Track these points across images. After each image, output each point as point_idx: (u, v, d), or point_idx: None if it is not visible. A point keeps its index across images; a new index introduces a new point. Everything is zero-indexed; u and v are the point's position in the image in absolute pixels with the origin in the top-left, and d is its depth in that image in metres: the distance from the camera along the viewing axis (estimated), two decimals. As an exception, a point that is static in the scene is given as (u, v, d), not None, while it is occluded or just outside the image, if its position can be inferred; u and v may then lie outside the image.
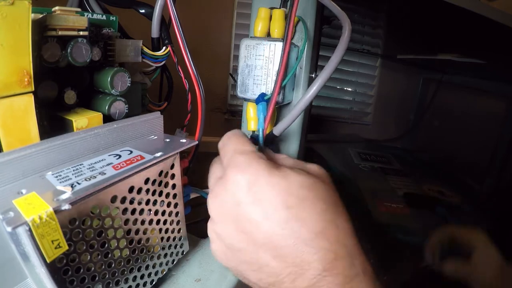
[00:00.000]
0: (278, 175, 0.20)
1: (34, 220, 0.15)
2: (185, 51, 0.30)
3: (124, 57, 0.29)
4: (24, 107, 0.20)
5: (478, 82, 0.83)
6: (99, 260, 0.21)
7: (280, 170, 0.20)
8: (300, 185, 0.20)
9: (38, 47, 0.21)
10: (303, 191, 0.19)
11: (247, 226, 0.19)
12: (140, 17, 0.32)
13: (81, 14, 0.24)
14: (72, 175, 0.20)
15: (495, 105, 0.80)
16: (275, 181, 0.19)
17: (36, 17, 0.21)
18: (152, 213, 0.25)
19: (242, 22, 0.95)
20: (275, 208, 0.19)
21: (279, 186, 0.19)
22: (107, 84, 0.26)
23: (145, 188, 0.23)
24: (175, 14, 0.30)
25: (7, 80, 0.18)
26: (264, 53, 0.33)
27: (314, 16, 0.36)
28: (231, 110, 1.02)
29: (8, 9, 0.17)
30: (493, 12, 0.50)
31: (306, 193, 0.19)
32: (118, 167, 0.21)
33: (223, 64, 0.98)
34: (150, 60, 0.31)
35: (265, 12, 0.34)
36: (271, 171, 0.20)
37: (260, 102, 0.31)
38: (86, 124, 0.24)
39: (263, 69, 0.33)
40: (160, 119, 0.28)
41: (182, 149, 0.26)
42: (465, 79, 0.88)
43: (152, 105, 0.35)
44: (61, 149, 0.21)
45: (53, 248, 0.17)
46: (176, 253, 0.29)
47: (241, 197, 0.20)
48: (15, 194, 0.17)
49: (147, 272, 0.26)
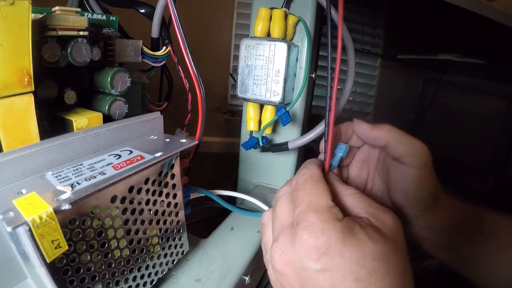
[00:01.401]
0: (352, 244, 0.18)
1: (34, 220, 0.15)
2: (185, 51, 0.30)
3: (124, 57, 0.29)
4: (24, 107, 0.20)
5: (478, 82, 0.83)
6: (99, 260, 0.21)
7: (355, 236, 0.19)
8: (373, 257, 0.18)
9: (38, 47, 0.21)
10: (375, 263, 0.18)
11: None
12: (140, 17, 0.32)
13: (81, 14, 0.24)
14: (72, 175, 0.20)
15: (495, 105, 0.80)
16: (349, 251, 0.18)
17: (36, 17, 0.21)
18: (152, 213, 0.25)
19: (242, 22, 0.95)
20: (344, 280, 0.18)
21: (352, 256, 0.18)
22: (107, 84, 0.26)
23: (145, 188, 0.23)
24: (175, 14, 0.30)
25: (7, 80, 0.18)
26: (264, 53, 0.33)
27: (314, 16, 0.36)
28: (231, 110, 1.02)
29: (8, 9, 0.17)
30: (493, 12, 0.50)
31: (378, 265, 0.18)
32: (118, 167, 0.21)
33: (223, 64, 0.99)
34: (150, 60, 0.31)
35: (265, 12, 0.34)
36: (345, 238, 0.18)
37: (282, 113, 0.31)
38: (86, 124, 0.24)
39: (263, 69, 0.33)
40: (160, 119, 0.28)
41: (182, 149, 0.26)
42: (465, 79, 0.88)
43: (152, 105, 0.35)
44: (61, 149, 0.21)
45: (53, 248, 0.17)
46: (176, 253, 0.29)
47: (309, 264, 0.19)
48: (15, 194, 0.17)
49: (147, 272, 0.26)
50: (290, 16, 0.35)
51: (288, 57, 0.32)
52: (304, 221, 0.20)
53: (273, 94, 0.34)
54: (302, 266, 0.19)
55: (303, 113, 0.41)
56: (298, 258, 0.19)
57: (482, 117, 0.82)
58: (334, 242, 0.18)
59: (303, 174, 0.23)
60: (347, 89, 0.34)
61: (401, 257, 0.19)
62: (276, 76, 0.33)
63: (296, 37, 0.37)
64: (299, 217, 0.20)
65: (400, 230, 0.21)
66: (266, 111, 0.36)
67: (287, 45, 0.32)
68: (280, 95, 0.33)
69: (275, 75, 0.33)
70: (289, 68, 0.33)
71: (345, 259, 0.18)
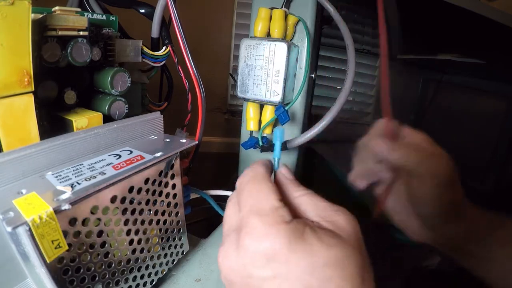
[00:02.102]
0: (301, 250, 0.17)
1: (34, 220, 0.15)
2: (185, 51, 0.30)
3: (124, 57, 0.29)
4: (24, 107, 0.20)
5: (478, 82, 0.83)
6: (99, 260, 0.21)
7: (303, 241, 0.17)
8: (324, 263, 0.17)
9: (38, 47, 0.21)
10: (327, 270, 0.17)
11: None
12: (140, 17, 0.32)
13: (81, 14, 0.24)
14: (72, 175, 0.20)
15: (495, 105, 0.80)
16: (296, 258, 0.17)
17: (36, 17, 0.21)
18: (152, 213, 0.25)
19: (242, 22, 0.95)
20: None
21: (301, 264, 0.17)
22: (107, 84, 0.26)
23: (145, 188, 0.23)
24: (175, 14, 0.30)
25: (7, 80, 0.18)
26: (264, 53, 0.33)
27: (314, 16, 0.36)
28: (231, 110, 1.02)
29: (8, 9, 0.17)
30: (493, 12, 0.50)
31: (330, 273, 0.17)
32: (118, 167, 0.21)
33: (223, 64, 0.99)
34: (150, 60, 0.31)
35: (265, 12, 0.34)
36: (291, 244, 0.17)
37: (281, 112, 0.31)
38: (86, 124, 0.23)
39: (263, 69, 0.33)
40: (160, 119, 0.28)
41: (182, 149, 0.26)
42: (465, 79, 0.88)
43: (152, 105, 0.35)
44: (61, 149, 0.21)
45: (53, 248, 0.17)
46: (176, 253, 0.29)
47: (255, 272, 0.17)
48: (15, 194, 0.17)
49: (147, 272, 0.26)
50: (290, 16, 0.35)
51: (288, 57, 0.32)
52: (246, 225, 0.18)
53: (273, 94, 0.34)
54: (247, 273, 0.18)
55: (303, 113, 0.41)
56: (242, 265, 0.18)
57: (482, 117, 0.82)
58: (279, 248, 0.17)
59: (246, 175, 0.21)
60: (346, 87, 0.34)
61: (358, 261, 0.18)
62: (276, 76, 0.33)
63: (296, 37, 0.37)
64: (242, 221, 0.19)
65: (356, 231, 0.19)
66: (266, 111, 0.36)
67: (287, 45, 0.32)
68: (280, 95, 0.33)
69: (275, 75, 0.33)
70: (289, 68, 0.33)
71: (292, 266, 0.17)
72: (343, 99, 0.33)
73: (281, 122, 0.33)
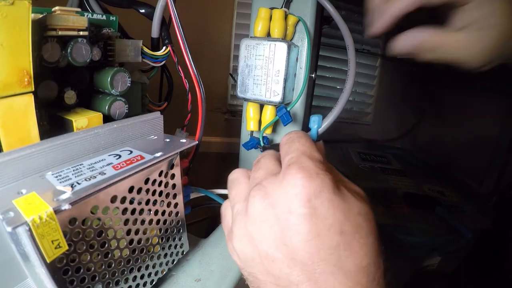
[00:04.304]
0: (340, 195, 0.18)
1: (34, 220, 0.15)
2: (185, 51, 0.30)
3: (124, 57, 0.29)
4: (24, 107, 0.20)
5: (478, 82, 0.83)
6: (99, 260, 0.21)
7: (340, 191, 0.19)
8: (358, 212, 0.18)
9: (38, 47, 0.21)
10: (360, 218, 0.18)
11: (293, 238, 0.17)
12: (140, 17, 0.32)
13: (81, 14, 0.24)
14: (72, 175, 0.20)
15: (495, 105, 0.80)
16: (337, 201, 0.18)
17: (36, 17, 0.21)
18: (152, 213, 0.25)
19: (242, 22, 0.95)
20: (329, 229, 0.17)
21: (340, 207, 0.18)
22: (107, 84, 0.26)
23: (145, 188, 0.23)
24: (175, 14, 0.30)
25: (7, 80, 0.18)
26: (264, 53, 0.33)
27: (314, 16, 0.36)
28: (231, 110, 1.02)
29: (8, 9, 0.17)
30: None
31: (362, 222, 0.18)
32: (118, 167, 0.21)
33: (223, 64, 0.99)
34: (150, 60, 0.31)
35: (265, 12, 0.34)
36: (334, 188, 0.18)
37: (283, 113, 0.32)
38: (86, 124, 0.23)
39: (263, 69, 0.33)
40: (160, 119, 0.28)
41: (182, 149, 0.26)
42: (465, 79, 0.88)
43: (152, 105, 0.35)
44: (61, 149, 0.21)
45: (53, 248, 0.17)
46: (176, 253, 0.29)
47: (297, 206, 0.17)
48: (15, 194, 0.17)
49: (147, 272, 0.26)
50: (290, 16, 0.35)
51: (288, 57, 0.32)
52: (298, 162, 0.19)
53: (273, 94, 0.34)
54: (288, 209, 0.18)
55: (303, 113, 0.41)
56: (284, 200, 0.18)
57: (482, 117, 0.82)
58: (327, 187, 0.18)
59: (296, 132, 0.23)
60: (347, 88, 0.34)
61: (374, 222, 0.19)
62: (276, 76, 0.33)
63: (296, 37, 0.37)
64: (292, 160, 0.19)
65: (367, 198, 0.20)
66: (266, 111, 0.36)
67: (287, 45, 0.32)
68: (280, 95, 0.33)
69: (275, 75, 0.33)
70: (289, 68, 0.33)
71: (334, 207, 0.18)
72: (345, 100, 0.34)
73: (284, 123, 0.33)
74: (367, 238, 0.18)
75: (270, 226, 0.18)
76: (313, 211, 0.17)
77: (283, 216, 0.18)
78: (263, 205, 0.19)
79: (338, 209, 0.18)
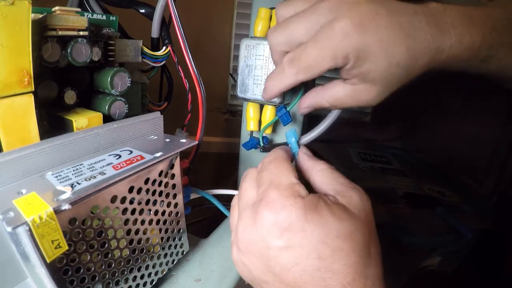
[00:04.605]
0: (315, 221, 0.18)
1: (34, 220, 0.15)
2: (185, 51, 0.30)
3: (124, 57, 0.29)
4: (24, 107, 0.20)
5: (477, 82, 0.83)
6: (99, 260, 0.21)
7: (317, 213, 0.19)
8: (336, 234, 0.18)
9: (38, 47, 0.21)
10: (338, 241, 0.18)
11: (276, 268, 0.19)
12: (140, 17, 0.32)
13: (81, 14, 0.24)
14: (72, 175, 0.20)
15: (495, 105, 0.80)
16: (311, 229, 0.18)
17: (36, 17, 0.21)
18: (152, 213, 0.25)
19: (242, 22, 0.95)
20: (307, 257, 0.18)
21: (314, 233, 0.18)
22: (107, 84, 0.26)
23: (145, 188, 0.23)
24: (175, 14, 0.30)
25: (7, 80, 0.18)
26: (264, 53, 0.33)
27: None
28: (231, 110, 1.02)
29: (8, 9, 0.17)
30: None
31: (341, 244, 0.18)
32: (118, 167, 0.21)
33: (223, 64, 0.99)
34: (150, 60, 0.31)
35: (265, 12, 0.34)
36: (307, 214, 0.18)
37: (283, 113, 0.32)
38: (86, 124, 0.23)
39: (263, 69, 0.33)
40: (160, 119, 0.28)
41: (182, 149, 0.26)
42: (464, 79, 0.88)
43: (152, 105, 0.35)
44: (61, 149, 0.21)
45: (53, 248, 0.17)
46: (176, 253, 0.29)
47: (272, 242, 0.19)
48: (15, 194, 0.17)
49: (147, 272, 0.26)
50: (290, 16, 0.35)
51: (288, 57, 0.32)
52: (265, 197, 0.20)
53: (273, 94, 0.34)
54: (266, 244, 0.19)
55: (303, 113, 0.41)
56: (260, 236, 0.19)
57: (482, 117, 0.82)
58: (296, 218, 0.18)
59: (269, 157, 0.23)
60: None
61: (366, 236, 0.19)
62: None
63: (296, 37, 0.37)
64: (261, 195, 0.20)
65: (367, 207, 0.21)
66: (266, 111, 0.36)
67: (287, 45, 0.32)
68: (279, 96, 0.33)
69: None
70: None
71: (307, 235, 0.18)
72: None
73: (283, 124, 0.33)
74: (348, 258, 0.18)
75: (256, 257, 0.20)
76: (288, 242, 0.18)
77: (263, 251, 0.19)
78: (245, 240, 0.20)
79: (313, 236, 0.18)
